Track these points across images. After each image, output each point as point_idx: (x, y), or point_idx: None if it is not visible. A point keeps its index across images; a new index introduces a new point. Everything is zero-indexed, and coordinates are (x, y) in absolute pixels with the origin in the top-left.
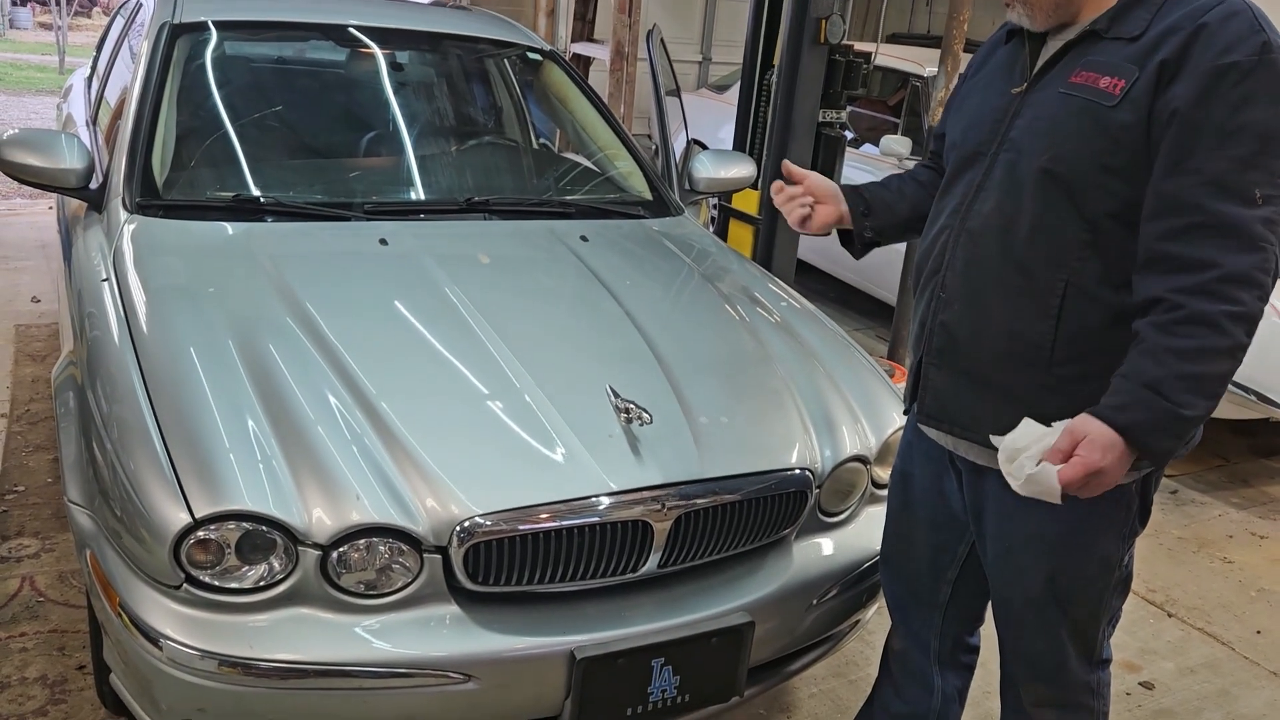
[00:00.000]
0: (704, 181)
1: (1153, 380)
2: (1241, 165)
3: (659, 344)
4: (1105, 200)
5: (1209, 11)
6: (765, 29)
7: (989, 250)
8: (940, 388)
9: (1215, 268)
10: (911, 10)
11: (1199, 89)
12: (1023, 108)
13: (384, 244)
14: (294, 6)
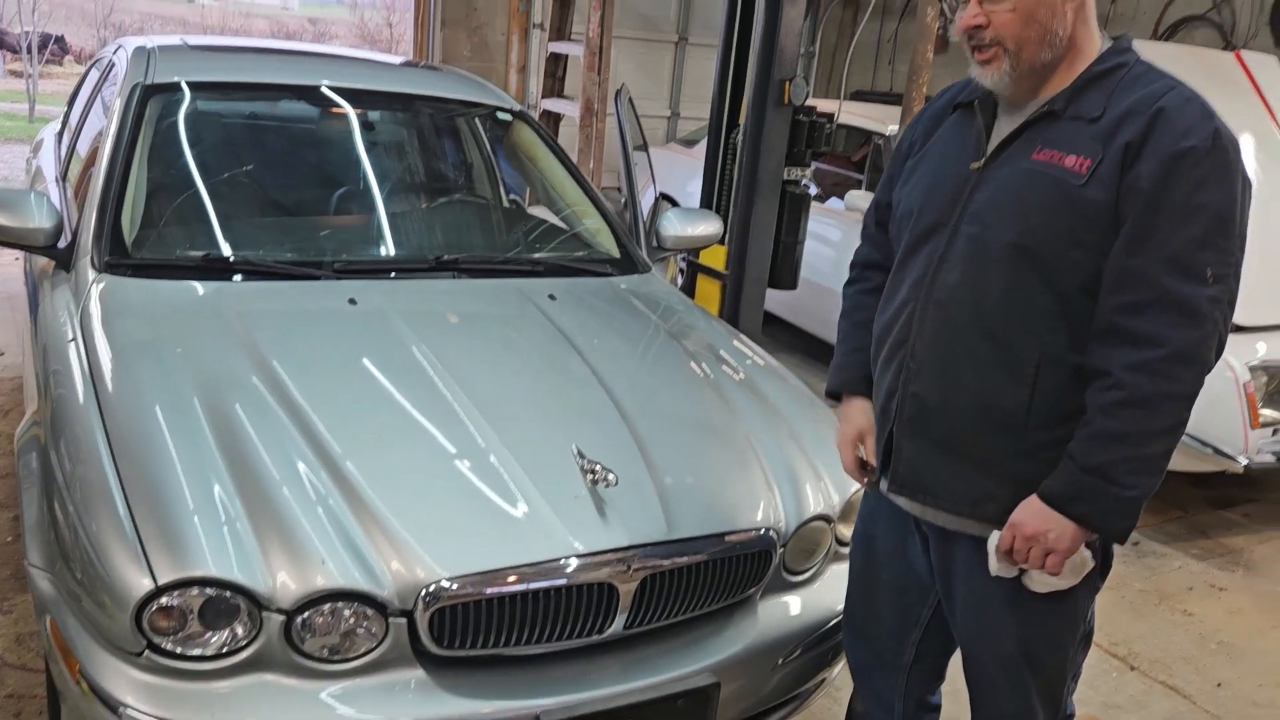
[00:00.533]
0: (671, 239)
1: (1097, 466)
2: (1196, 244)
3: (625, 403)
4: (1074, 273)
5: (1164, 97)
6: (730, 90)
7: (959, 321)
8: (913, 457)
9: (1162, 345)
10: (874, 68)
11: (1161, 170)
12: (982, 182)
13: (353, 303)
14: (266, 68)
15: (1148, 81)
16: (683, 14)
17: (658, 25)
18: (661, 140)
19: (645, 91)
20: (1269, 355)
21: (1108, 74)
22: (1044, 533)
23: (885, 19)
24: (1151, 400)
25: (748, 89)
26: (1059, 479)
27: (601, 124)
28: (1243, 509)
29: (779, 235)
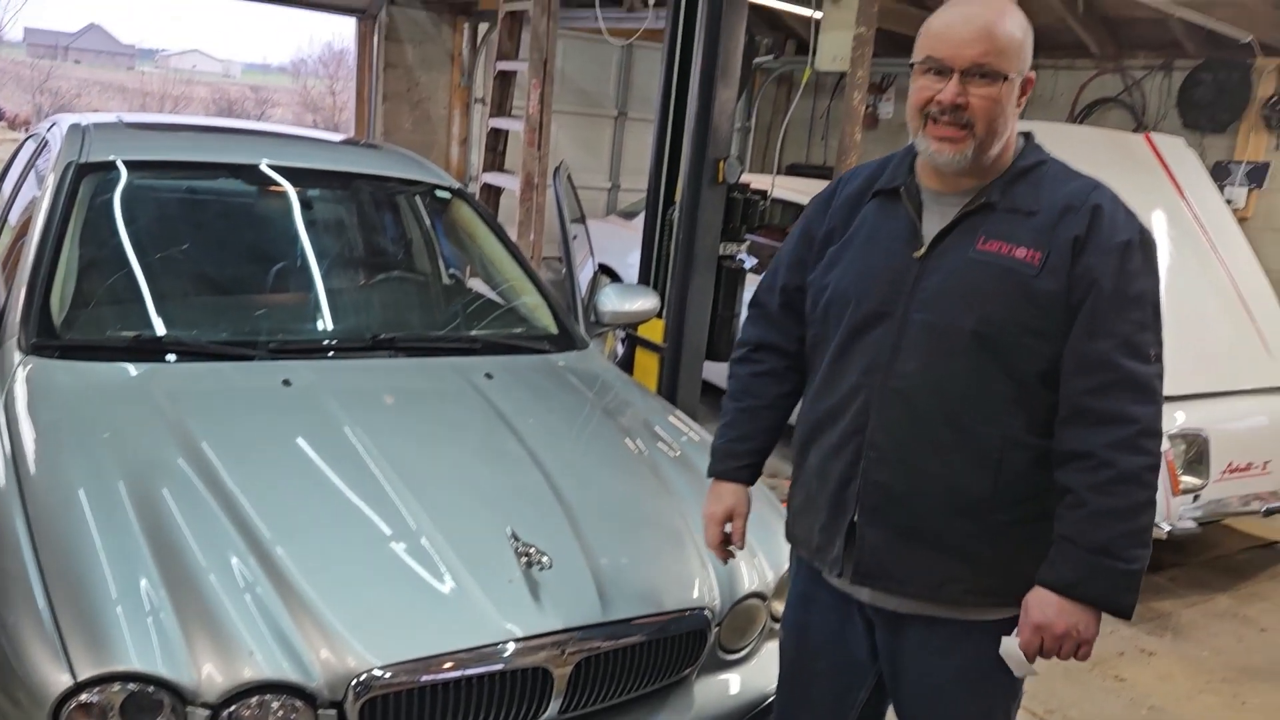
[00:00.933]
0: (609, 314)
1: (1101, 545)
2: (1140, 328)
3: (561, 484)
4: (1030, 360)
5: (1092, 194)
6: (667, 168)
7: (923, 410)
8: (878, 546)
9: (1135, 422)
10: (808, 143)
11: (1106, 262)
12: (926, 271)
13: (287, 384)
14: (204, 146)
15: (1068, 178)
16: (621, 91)
17: (597, 101)
18: (602, 212)
19: (586, 164)
20: (1187, 424)
21: (1031, 170)
22: (1074, 626)
23: (818, 96)
24: (1137, 474)
25: (683, 168)
26: (1066, 567)
27: (542, 197)
28: (1169, 573)
29: (716, 308)
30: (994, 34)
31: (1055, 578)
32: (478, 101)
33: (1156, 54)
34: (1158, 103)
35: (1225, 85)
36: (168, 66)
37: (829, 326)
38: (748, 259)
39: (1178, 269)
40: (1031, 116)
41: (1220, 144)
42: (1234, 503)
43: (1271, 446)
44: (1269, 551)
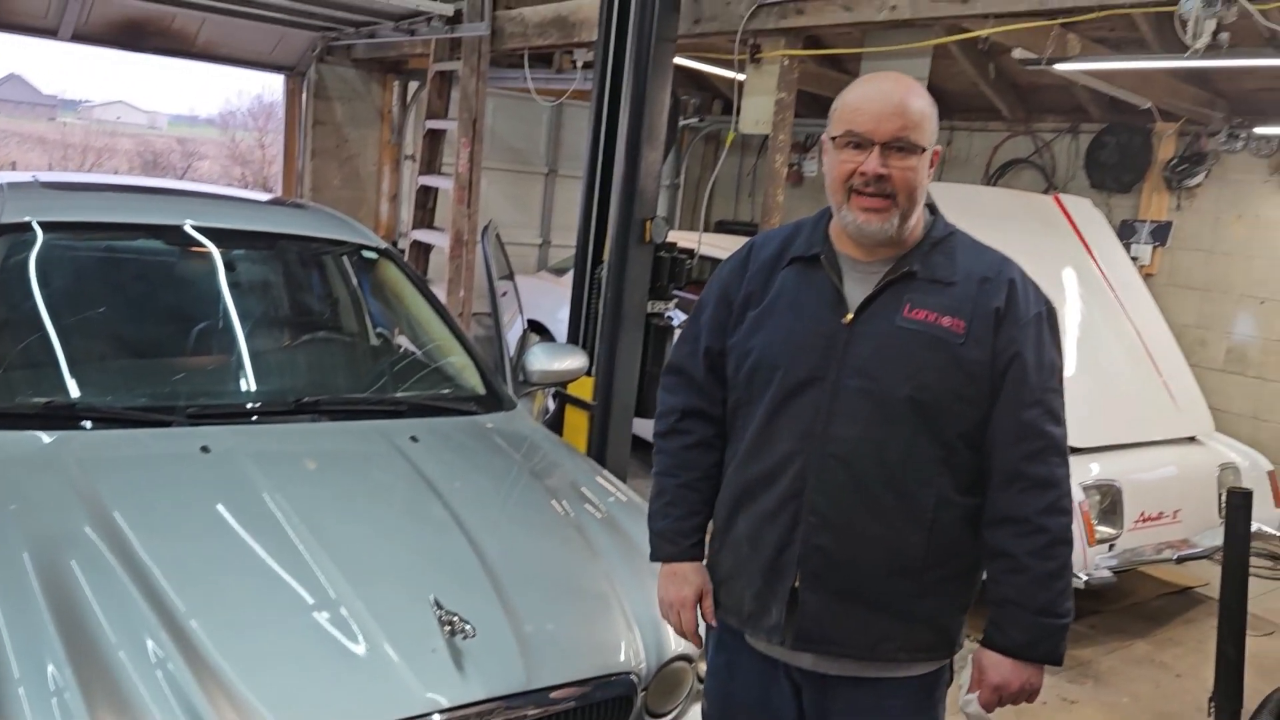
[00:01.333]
0: (537, 374)
1: (1044, 605)
2: (1054, 394)
3: (486, 549)
4: (956, 424)
5: (1004, 268)
6: (595, 228)
7: (863, 474)
8: (818, 612)
9: (1058, 486)
10: (736, 199)
11: (1026, 333)
12: (855, 337)
13: (205, 450)
14: (124, 207)
15: (978, 250)
16: (552, 148)
17: (528, 158)
18: (533, 268)
19: (517, 220)
20: (1102, 475)
21: (944, 241)
22: (1027, 681)
23: (745, 153)
24: (1065, 535)
25: (611, 227)
26: (1016, 630)
27: (471, 254)
28: (1089, 621)
29: (644, 366)
30: (909, 110)
31: (1007, 641)
32: (408, 158)
33: (1064, 118)
34: (1067, 164)
35: (1128, 148)
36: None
37: (754, 391)
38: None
39: (1089, 325)
40: (949, 177)
41: (1125, 203)
42: (1148, 551)
43: (1181, 496)
44: (1183, 597)
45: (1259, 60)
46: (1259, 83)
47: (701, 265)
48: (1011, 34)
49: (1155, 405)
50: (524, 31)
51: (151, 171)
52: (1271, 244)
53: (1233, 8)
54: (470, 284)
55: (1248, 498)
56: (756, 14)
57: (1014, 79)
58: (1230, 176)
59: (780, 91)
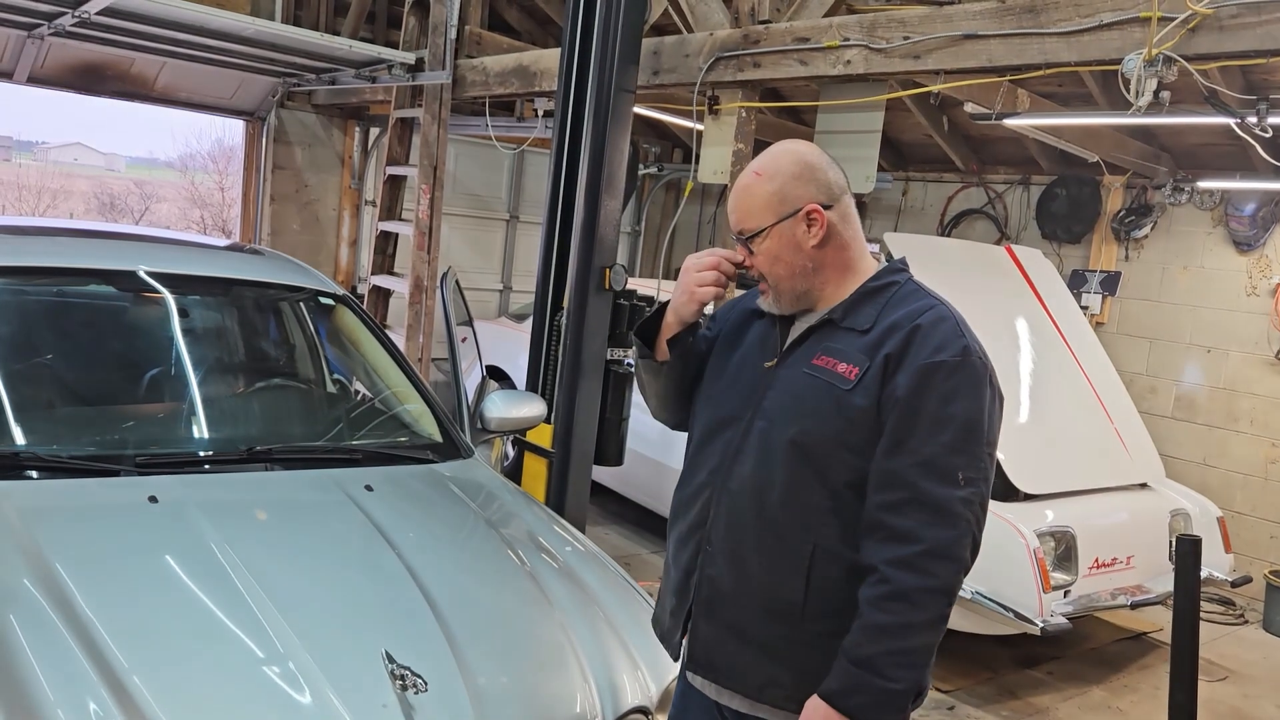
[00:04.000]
0: (495, 421)
1: (865, 658)
2: (948, 450)
3: (439, 601)
4: (843, 471)
5: (923, 315)
6: (554, 275)
7: (747, 512)
8: (708, 639)
9: (918, 542)
10: (696, 247)
11: (916, 381)
12: (773, 381)
13: (153, 500)
14: (75, 252)
15: (914, 299)
16: (513, 194)
17: (489, 204)
18: (494, 314)
19: (478, 266)
20: (1056, 522)
21: (880, 290)
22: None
23: (705, 201)
24: (911, 594)
25: (570, 275)
26: (834, 676)
27: (431, 300)
28: (1047, 667)
29: (604, 413)
30: (740, 200)
31: (825, 687)
32: (368, 203)
33: (1016, 170)
34: (1019, 214)
35: (1078, 199)
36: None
37: (696, 420)
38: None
39: (1041, 373)
40: (904, 227)
41: (1076, 254)
42: (1103, 596)
43: (1134, 541)
44: (1138, 643)
45: (1199, 118)
46: (1201, 138)
47: None
48: (962, 89)
49: (1107, 452)
50: (485, 80)
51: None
52: (1216, 294)
53: (1173, 67)
54: (429, 330)
55: (1197, 545)
56: (714, 66)
57: (967, 132)
58: (1176, 228)
59: (738, 142)
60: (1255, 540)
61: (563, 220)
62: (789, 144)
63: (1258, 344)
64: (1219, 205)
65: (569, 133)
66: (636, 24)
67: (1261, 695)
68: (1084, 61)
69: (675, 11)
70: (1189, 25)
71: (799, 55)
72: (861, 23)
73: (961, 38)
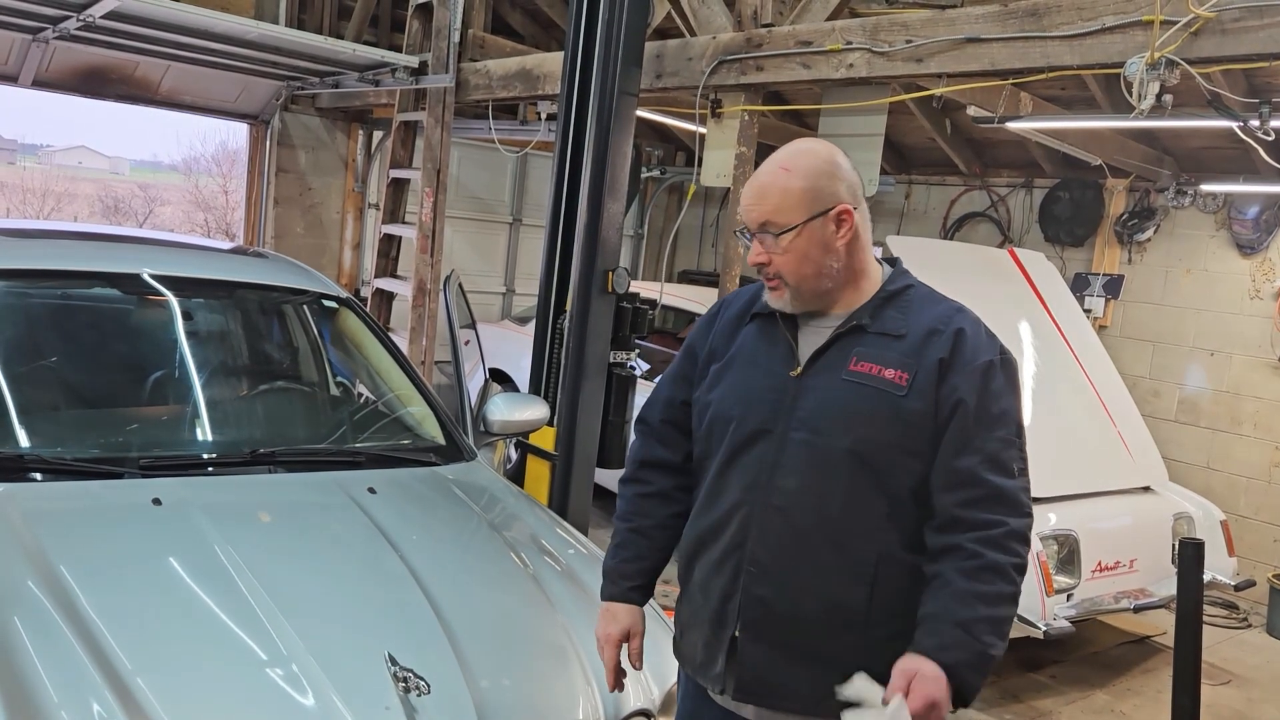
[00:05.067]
0: (498, 424)
1: (964, 621)
2: (1005, 445)
3: (442, 603)
4: (903, 477)
5: (955, 318)
6: (557, 278)
7: (803, 526)
8: (759, 662)
9: (1003, 525)
10: (699, 249)
11: (972, 382)
12: (803, 390)
13: (157, 503)
14: (79, 255)
15: (934, 301)
16: (516, 197)
17: (492, 208)
18: (497, 317)
19: (481, 269)
20: (1059, 525)
21: (900, 294)
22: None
23: (708, 204)
24: (1001, 567)
25: (573, 278)
26: (929, 635)
27: (434, 303)
28: (1050, 671)
29: (606, 416)
30: (768, 195)
31: (918, 644)
32: (371, 206)
33: (1018, 173)
34: (1021, 217)
35: (1081, 203)
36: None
37: (712, 444)
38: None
39: (1044, 377)
40: (907, 230)
41: (1079, 256)
42: (1106, 600)
43: (1137, 545)
44: (1142, 646)
45: (1201, 121)
46: (1203, 141)
47: (664, 315)
48: (965, 92)
49: (1110, 455)
50: (488, 83)
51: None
52: (1219, 297)
53: (1175, 71)
54: (432, 333)
55: (1200, 549)
56: (717, 70)
57: (969, 135)
58: (1179, 231)
59: (740, 145)
60: (1258, 544)
61: (565, 223)
62: (813, 142)
63: (1261, 347)
64: (1222, 208)
65: (572, 136)
66: (639, 27)
67: (1265, 699)
68: (1086, 65)
69: (678, 14)
70: (1191, 29)
71: (802, 58)
72: (864, 26)
73: (964, 41)
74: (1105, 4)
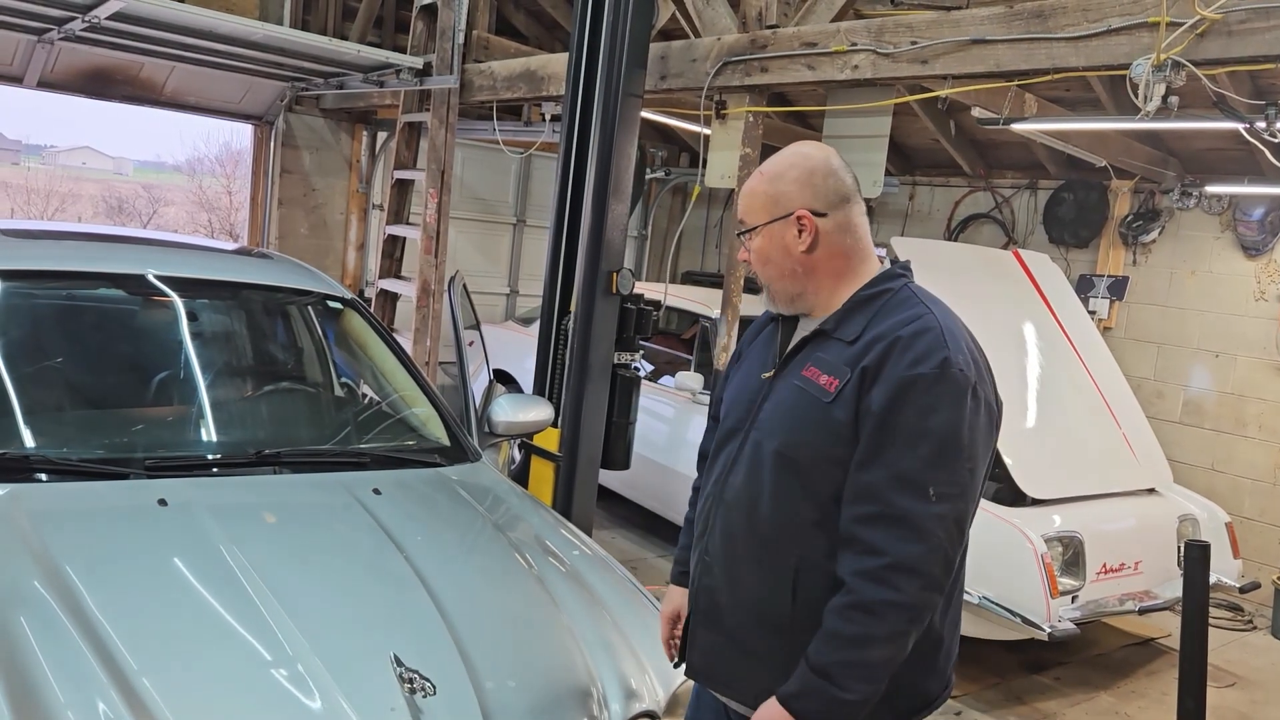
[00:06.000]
0: (503, 425)
1: (822, 666)
2: (923, 465)
3: (447, 604)
4: (827, 484)
5: (906, 325)
6: (561, 279)
7: (739, 523)
8: (706, 647)
9: (885, 555)
10: (703, 250)
11: (891, 395)
12: (770, 392)
13: (163, 503)
14: (85, 255)
15: (904, 308)
16: (520, 198)
17: (496, 209)
18: (501, 318)
19: (485, 270)
20: (1063, 527)
21: (870, 300)
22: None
23: (712, 205)
24: (873, 606)
25: (578, 279)
26: (793, 680)
27: (438, 304)
28: (1054, 673)
29: (610, 417)
30: (743, 196)
31: (782, 689)
32: (375, 207)
33: (1023, 174)
34: (1026, 219)
35: (1085, 204)
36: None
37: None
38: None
39: (1048, 377)
40: (911, 231)
41: (1083, 258)
42: (1111, 602)
43: (1142, 547)
44: (1146, 648)
45: (1207, 123)
46: (1209, 143)
47: (668, 317)
48: (970, 94)
49: (1115, 457)
50: (493, 85)
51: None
52: (1224, 298)
53: (1181, 72)
54: (436, 334)
55: (1205, 550)
56: (722, 71)
57: (974, 136)
58: (1184, 233)
59: (745, 147)
60: (1263, 546)
61: (570, 224)
62: (802, 146)
63: (1266, 349)
64: (1227, 210)
65: (576, 137)
66: (644, 29)
67: (1269, 701)
68: (1092, 66)
69: (682, 16)
70: (1197, 30)
71: (806, 60)
72: (869, 28)
73: (969, 43)
74: (1111, 5)
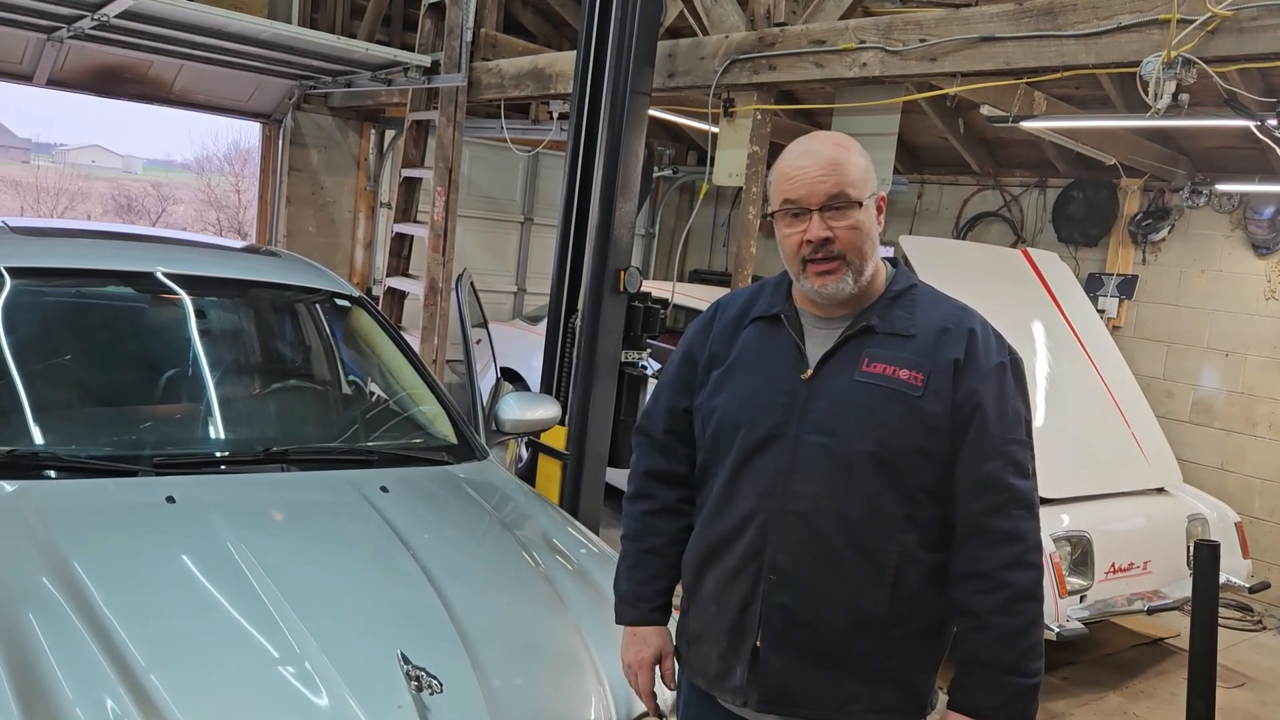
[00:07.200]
0: (510, 423)
1: (1011, 664)
2: (1020, 445)
3: (454, 602)
4: (920, 477)
5: (963, 318)
6: (569, 277)
7: (824, 531)
8: (782, 671)
9: (1023, 540)
10: (711, 249)
11: (989, 385)
12: (814, 393)
13: (170, 501)
14: (95, 253)
15: (938, 300)
16: (528, 197)
17: (503, 207)
18: (508, 316)
19: (492, 268)
20: (1072, 526)
21: (903, 294)
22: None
23: (719, 204)
24: (1030, 590)
25: (585, 278)
26: (981, 692)
27: (445, 302)
28: (1062, 673)
29: (618, 415)
30: (841, 166)
31: (973, 703)
32: (383, 206)
33: (1032, 173)
34: (1035, 217)
35: (1094, 202)
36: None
37: (719, 451)
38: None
39: (1057, 377)
40: (920, 230)
41: (1093, 257)
42: (1119, 602)
43: (1150, 547)
44: (1155, 648)
45: (1218, 120)
46: (1219, 141)
47: (675, 315)
48: (979, 91)
49: (1124, 456)
50: (500, 83)
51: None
52: (1234, 298)
53: (1192, 70)
54: (444, 332)
55: (1215, 550)
56: (730, 69)
57: (983, 134)
58: (1193, 231)
59: (753, 145)
60: (1273, 546)
61: (577, 223)
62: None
63: (1276, 348)
64: (1237, 208)
65: (584, 135)
66: (652, 26)
67: (1279, 702)
68: (1102, 64)
69: (690, 14)
70: (1208, 27)
71: (815, 58)
72: (878, 25)
73: (978, 40)
74: (1121, 3)
